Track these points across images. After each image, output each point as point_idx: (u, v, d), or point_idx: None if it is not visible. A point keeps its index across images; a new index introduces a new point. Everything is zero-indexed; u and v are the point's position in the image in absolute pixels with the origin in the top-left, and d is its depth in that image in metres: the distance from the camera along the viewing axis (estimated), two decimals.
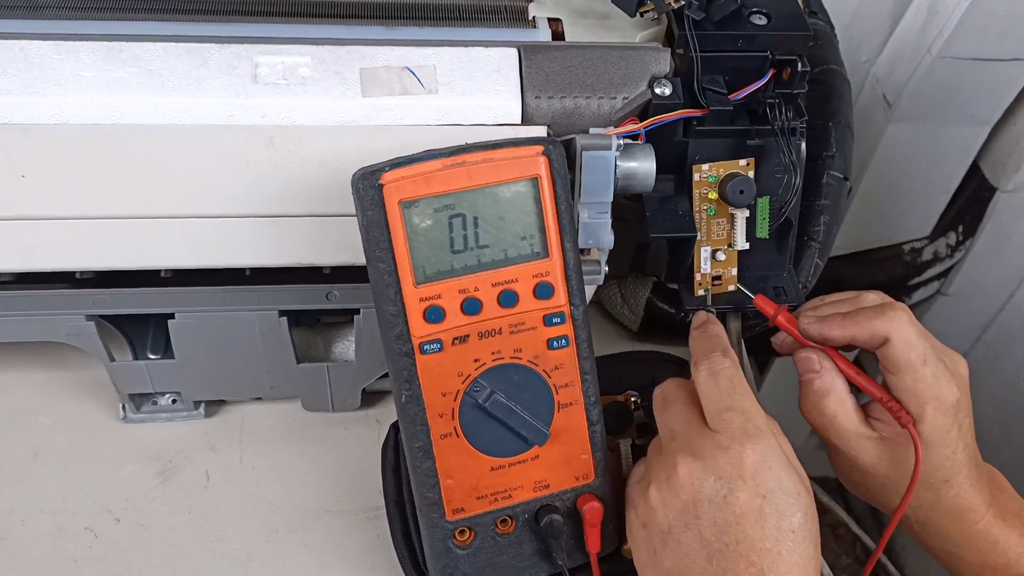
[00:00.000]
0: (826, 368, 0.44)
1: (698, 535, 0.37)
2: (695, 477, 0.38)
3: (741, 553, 0.36)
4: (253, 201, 0.43)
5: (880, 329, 0.42)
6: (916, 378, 0.42)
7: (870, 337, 0.42)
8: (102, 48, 0.42)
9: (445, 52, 0.44)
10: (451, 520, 0.42)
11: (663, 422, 0.42)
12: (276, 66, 0.43)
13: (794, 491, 0.37)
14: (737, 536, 0.37)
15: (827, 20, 0.60)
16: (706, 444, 0.38)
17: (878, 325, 0.42)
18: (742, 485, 0.37)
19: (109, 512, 0.49)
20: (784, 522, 0.37)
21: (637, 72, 0.46)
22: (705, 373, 0.41)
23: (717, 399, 0.40)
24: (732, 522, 0.37)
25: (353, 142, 0.42)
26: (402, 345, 0.39)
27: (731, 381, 0.40)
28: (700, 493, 0.38)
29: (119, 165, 0.41)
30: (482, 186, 0.39)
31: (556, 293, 0.41)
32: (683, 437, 0.39)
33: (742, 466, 0.37)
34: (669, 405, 0.42)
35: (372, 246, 0.39)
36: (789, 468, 0.38)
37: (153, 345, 0.51)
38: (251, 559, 0.47)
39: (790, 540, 0.37)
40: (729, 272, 0.49)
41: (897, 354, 0.42)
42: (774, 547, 0.36)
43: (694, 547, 0.37)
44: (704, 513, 0.37)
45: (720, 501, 0.37)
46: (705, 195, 0.48)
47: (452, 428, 0.41)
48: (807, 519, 0.37)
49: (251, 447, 0.52)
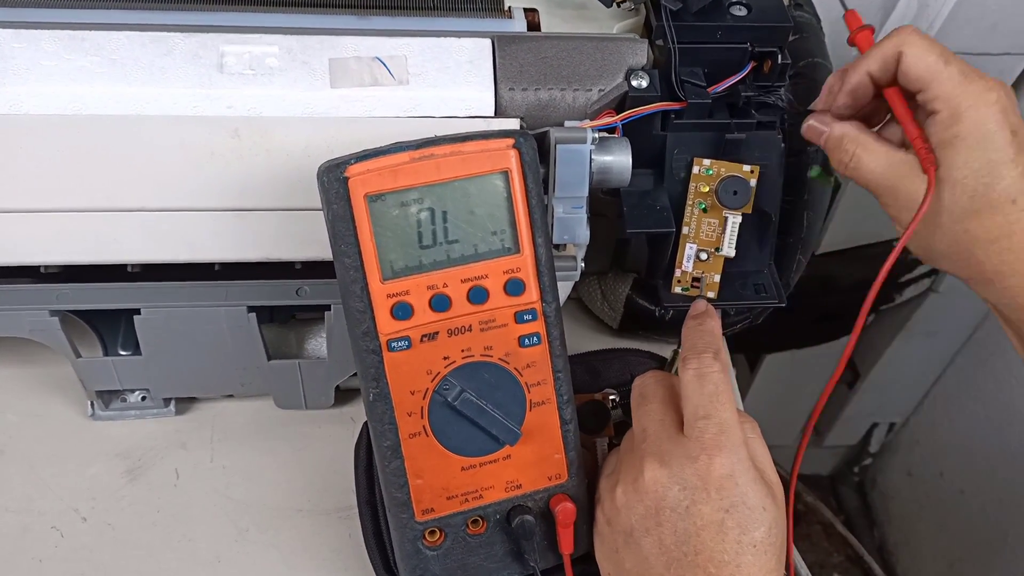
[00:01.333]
0: (830, 121, 0.42)
1: (658, 541, 0.37)
2: (660, 484, 0.37)
3: (699, 564, 0.36)
4: (218, 194, 0.42)
5: (890, 49, 0.39)
6: (942, 79, 0.38)
7: (883, 62, 0.40)
8: (64, 36, 0.41)
9: (417, 42, 0.43)
10: (421, 520, 0.41)
11: (637, 418, 0.41)
12: (243, 56, 0.42)
13: (759, 506, 0.37)
14: (696, 547, 0.36)
15: (813, 13, 0.59)
16: (675, 451, 0.38)
17: (888, 46, 0.39)
18: (705, 497, 0.37)
19: (76, 511, 0.48)
20: (746, 536, 0.36)
21: (613, 64, 0.45)
22: (692, 373, 0.40)
23: (697, 404, 0.38)
24: (693, 533, 0.36)
25: (321, 134, 0.42)
26: (369, 342, 0.38)
27: (716, 387, 0.39)
28: (663, 501, 0.37)
29: (81, 157, 0.41)
30: (451, 179, 0.38)
31: (527, 289, 0.40)
32: (654, 439, 0.39)
33: (708, 478, 0.37)
34: (646, 401, 0.41)
35: (338, 241, 0.38)
36: (757, 482, 0.37)
37: (124, 341, 0.50)
38: (220, 559, 0.47)
39: (750, 554, 0.36)
40: (711, 277, 0.48)
41: (915, 63, 0.39)
42: (733, 560, 0.36)
43: (654, 552, 0.37)
44: (666, 520, 0.37)
45: (682, 511, 0.37)
46: (699, 189, 0.47)
47: (421, 427, 0.40)
48: (771, 533, 0.37)
49: (222, 445, 0.51)
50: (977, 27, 0.73)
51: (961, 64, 0.39)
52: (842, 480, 1.32)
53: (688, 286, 0.48)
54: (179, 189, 0.41)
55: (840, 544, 1.25)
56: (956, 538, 1.06)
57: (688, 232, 0.47)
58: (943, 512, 1.10)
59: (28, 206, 0.41)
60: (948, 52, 0.39)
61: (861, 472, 1.30)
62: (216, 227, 0.42)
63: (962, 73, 0.38)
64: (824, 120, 0.43)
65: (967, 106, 0.38)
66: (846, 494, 1.30)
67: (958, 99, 0.38)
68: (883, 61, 0.40)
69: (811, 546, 1.25)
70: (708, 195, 0.47)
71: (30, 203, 0.41)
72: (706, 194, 0.47)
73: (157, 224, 0.42)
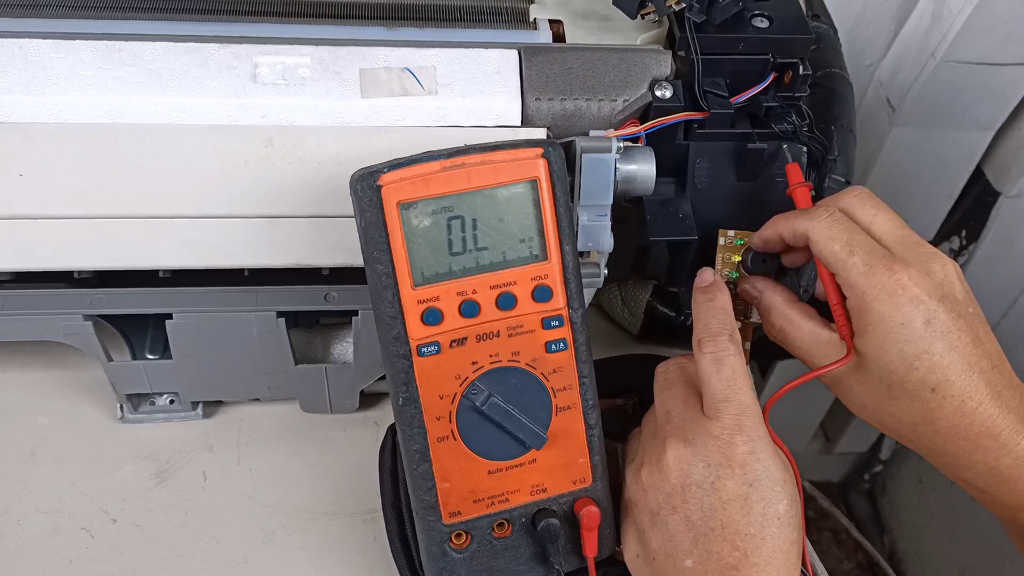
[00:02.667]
0: (761, 288, 0.44)
1: (685, 518, 0.38)
2: (684, 462, 0.39)
3: (726, 537, 0.38)
4: (251, 201, 0.42)
5: (799, 227, 0.40)
6: (846, 269, 0.39)
7: (793, 235, 0.41)
8: (101, 47, 0.42)
9: (445, 53, 0.44)
10: (447, 523, 0.42)
11: (661, 401, 0.42)
12: (276, 66, 0.43)
13: (780, 479, 0.38)
14: (723, 521, 0.38)
15: (830, 23, 0.60)
16: (699, 431, 0.39)
17: (798, 223, 0.41)
18: (730, 473, 0.38)
19: (105, 512, 0.49)
20: (770, 509, 0.38)
21: (638, 74, 0.46)
22: (709, 357, 0.40)
23: (716, 388, 0.40)
24: (719, 507, 0.38)
25: (352, 143, 0.42)
26: (399, 347, 0.39)
27: (733, 371, 0.40)
28: (689, 478, 0.38)
29: (117, 165, 0.41)
30: (481, 188, 0.39)
31: (555, 296, 0.40)
32: (678, 420, 0.40)
33: (731, 455, 0.38)
34: (671, 385, 0.42)
35: (370, 247, 0.38)
36: (777, 458, 0.39)
37: (152, 345, 0.51)
38: (247, 561, 0.47)
39: (775, 526, 0.38)
40: (744, 345, 0.46)
41: (820, 250, 0.40)
42: (758, 532, 0.37)
43: (680, 529, 0.39)
44: (692, 497, 0.38)
45: (708, 487, 0.38)
46: (728, 260, 0.47)
47: (449, 431, 0.41)
48: (792, 506, 0.38)
49: (248, 448, 0.52)
50: (991, 38, 0.73)
51: (868, 254, 0.38)
52: (852, 487, 1.32)
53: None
54: (213, 197, 0.42)
55: (851, 551, 1.25)
56: (967, 546, 1.06)
57: None
58: (954, 519, 1.10)
59: (64, 212, 0.42)
60: (855, 239, 0.39)
61: (871, 479, 1.30)
62: (249, 234, 0.43)
63: (866, 264, 0.38)
64: (757, 286, 0.44)
65: (872, 298, 0.38)
66: (856, 501, 1.30)
67: (863, 291, 0.39)
68: (794, 237, 0.41)
69: (821, 553, 1.25)
70: (736, 262, 0.47)
71: (66, 209, 0.42)
72: (734, 263, 0.47)
73: (191, 231, 0.43)
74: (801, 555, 0.39)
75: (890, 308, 0.38)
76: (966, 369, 0.38)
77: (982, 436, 0.38)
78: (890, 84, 0.82)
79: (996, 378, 0.39)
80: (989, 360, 0.39)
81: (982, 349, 0.39)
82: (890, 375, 0.39)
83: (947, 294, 0.39)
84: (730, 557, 0.37)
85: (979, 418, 0.38)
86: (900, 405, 0.39)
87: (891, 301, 0.38)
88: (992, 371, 0.39)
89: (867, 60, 0.83)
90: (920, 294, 0.38)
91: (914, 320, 0.38)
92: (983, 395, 0.38)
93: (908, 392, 0.39)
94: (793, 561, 0.38)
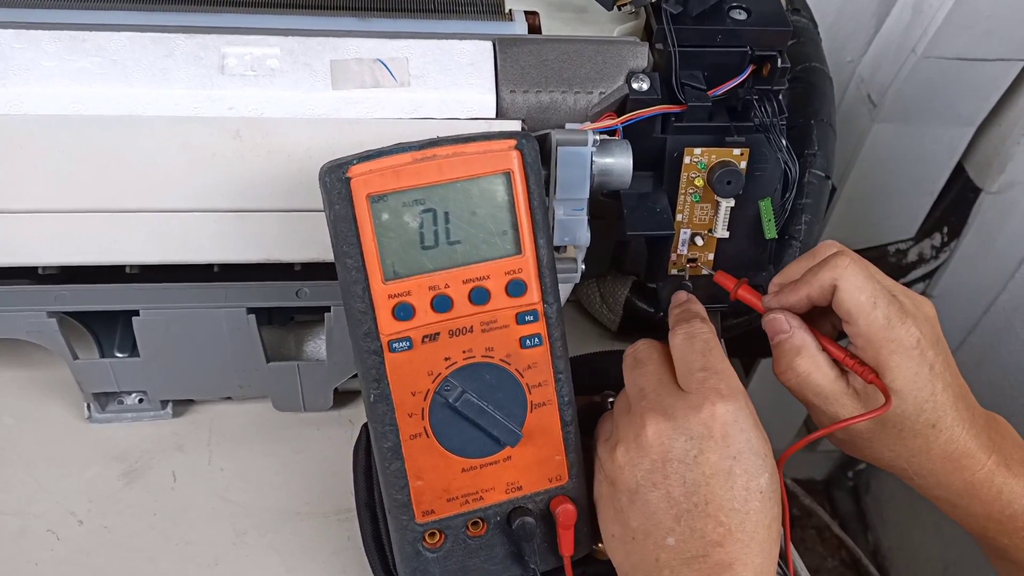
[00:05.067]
0: (795, 326, 0.43)
1: (666, 494, 0.38)
2: (665, 436, 0.38)
3: (710, 513, 0.37)
4: (219, 195, 0.42)
5: (827, 279, 0.41)
6: (868, 322, 0.40)
7: (821, 291, 0.41)
8: (65, 37, 0.41)
9: (418, 44, 0.43)
10: (421, 522, 0.41)
11: (633, 380, 0.41)
12: (244, 57, 0.42)
13: (762, 452, 0.38)
14: (706, 496, 0.37)
15: (810, 18, 0.60)
16: (677, 404, 0.38)
17: (825, 276, 0.41)
18: (712, 445, 0.37)
19: (72, 514, 0.48)
20: (753, 482, 0.37)
21: (614, 67, 0.45)
22: (682, 336, 0.41)
23: (691, 360, 0.40)
24: (702, 482, 0.37)
25: (322, 135, 0.42)
26: (370, 343, 0.38)
27: (707, 344, 0.40)
28: (670, 453, 0.38)
29: (82, 157, 0.40)
30: (453, 180, 0.38)
31: (529, 290, 0.40)
32: (653, 396, 0.39)
33: (712, 426, 0.37)
34: (641, 364, 0.41)
35: (340, 241, 0.38)
36: (758, 429, 0.38)
37: (121, 343, 0.50)
38: (218, 562, 0.46)
39: (757, 500, 0.37)
40: (705, 256, 0.49)
41: (846, 300, 0.40)
42: (742, 507, 0.37)
43: (662, 507, 0.38)
44: (673, 472, 0.38)
45: (690, 461, 0.37)
46: (692, 180, 0.47)
47: (422, 428, 0.40)
48: (772, 480, 0.38)
49: (220, 448, 0.51)
50: (972, 33, 0.73)
51: (888, 306, 0.40)
52: (836, 484, 1.32)
53: (685, 267, 0.49)
54: (180, 190, 0.41)
55: (835, 548, 1.25)
56: (950, 542, 1.06)
57: (682, 219, 0.48)
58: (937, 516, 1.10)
59: (27, 207, 0.41)
60: (878, 289, 0.40)
61: (855, 476, 1.30)
62: (217, 228, 0.42)
63: (887, 318, 0.40)
64: (790, 322, 0.43)
65: (890, 352, 0.40)
66: (840, 498, 1.31)
67: (880, 345, 0.40)
68: (821, 290, 0.41)
69: (806, 550, 1.25)
70: (701, 186, 0.47)
71: (29, 204, 0.41)
72: (699, 186, 0.47)
73: (158, 225, 0.42)
74: (781, 531, 0.39)
75: (907, 361, 0.40)
76: (954, 401, 0.41)
77: (963, 456, 0.41)
78: (871, 80, 0.82)
79: (970, 401, 0.42)
80: (963, 387, 0.42)
81: (958, 378, 0.42)
82: (903, 420, 0.41)
83: (938, 337, 0.41)
84: (714, 533, 0.37)
85: (962, 442, 0.41)
86: (905, 443, 0.42)
87: (907, 355, 0.40)
88: (967, 396, 0.42)
89: (848, 56, 0.83)
90: (925, 345, 0.40)
91: (923, 369, 0.40)
92: (965, 420, 0.41)
93: (914, 431, 0.41)
94: (775, 536, 0.38)
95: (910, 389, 0.40)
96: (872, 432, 0.42)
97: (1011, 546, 0.43)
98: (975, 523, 0.43)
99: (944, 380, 0.41)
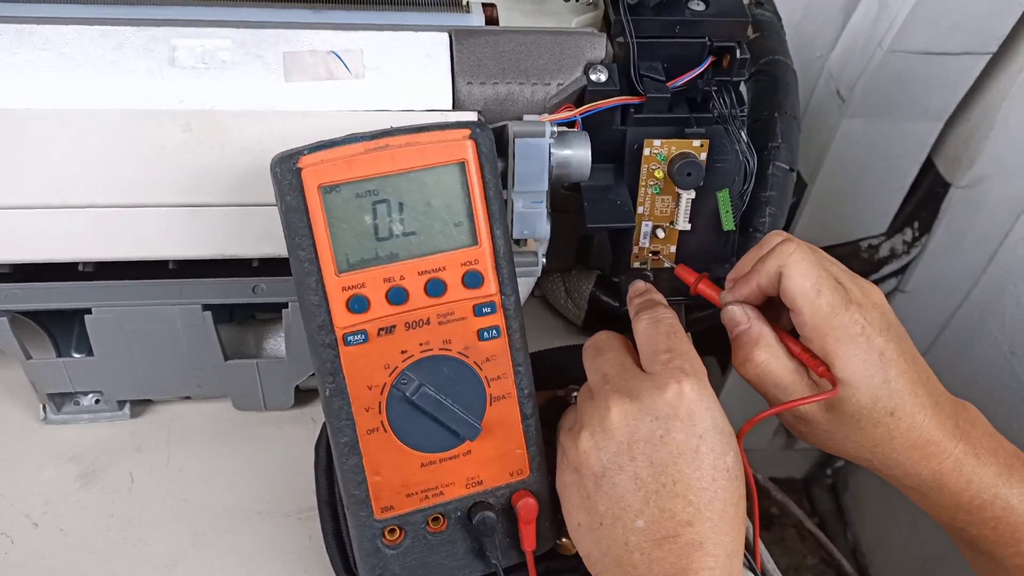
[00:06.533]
0: (752, 318, 0.42)
1: (634, 476, 0.37)
2: (630, 417, 0.38)
3: (678, 493, 0.37)
4: (171, 189, 0.41)
5: (772, 267, 0.41)
6: (812, 311, 0.40)
7: (769, 279, 0.41)
8: (11, 30, 0.40)
9: (373, 36, 0.43)
10: (380, 519, 0.40)
11: (595, 368, 0.41)
12: (195, 49, 0.41)
13: (727, 431, 0.38)
14: (674, 476, 0.37)
15: (774, 11, 0.60)
16: (642, 385, 0.38)
17: (771, 264, 0.41)
18: (679, 425, 0.37)
19: (27, 516, 0.47)
20: (719, 461, 0.37)
21: (572, 58, 0.45)
22: (647, 320, 0.41)
23: (656, 342, 0.40)
24: (669, 462, 0.37)
25: (276, 128, 0.41)
26: (324, 336, 0.38)
27: (671, 327, 0.40)
28: (636, 434, 0.37)
29: (28, 151, 0.40)
30: (407, 170, 0.38)
31: (486, 282, 0.39)
32: (617, 380, 0.39)
33: (678, 406, 0.37)
34: (602, 352, 0.41)
35: (292, 233, 0.37)
36: (720, 409, 0.38)
37: (78, 343, 0.49)
38: (176, 564, 0.45)
39: (724, 479, 0.37)
40: (667, 249, 0.49)
41: (791, 287, 0.40)
42: (710, 486, 0.37)
43: (630, 489, 0.37)
44: (640, 454, 0.37)
45: (656, 441, 0.37)
46: (652, 172, 0.47)
47: (379, 423, 0.39)
48: (737, 460, 0.38)
49: (178, 448, 0.50)
50: (937, 27, 0.73)
51: (832, 293, 0.40)
52: (815, 482, 1.32)
53: (646, 260, 0.49)
54: (130, 184, 0.40)
55: (815, 546, 1.25)
56: (928, 538, 1.06)
57: (643, 212, 0.48)
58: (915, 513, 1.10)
59: None
60: (823, 276, 0.40)
61: (834, 474, 1.30)
62: (169, 223, 0.41)
63: (830, 306, 0.40)
64: (748, 314, 0.43)
65: (835, 339, 0.40)
66: (819, 496, 1.31)
67: (825, 333, 0.40)
68: (769, 279, 0.41)
69: (785, 549, 1.25)
70: (661, 178, 0.47)
71: None
72: (659, 178, 0.47)
73: (108, 221, 0.41)
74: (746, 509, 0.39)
75: (853, 349, 0.40)
76: (912, 387, 0.40)
77: (928, 444, 0.41)
78: (840, 75, 0.82)
79: (932, 388, 0.41)
80: (924, 373, 0.41)
81: (917, 364, 0.41)
82: (859, 410, 0.40)
83: (889, 323, 0.41)
84: (684, 513, 0.36)
85: (926, 429, 0.41)
86: (864, 433, 0.41)
87: (853, 342, 0.40)
88: (928, 382, 0.41)
89: (817, 52, 0.83)
90: (872, 332, 0.40)
91: (872, 356, 0.40)
92: (927, 408, 0.41)
93: (872, 420, 0.41)
94: (742, 516, 0.38)
95: (860, 377, 0.40)
96: (831, 423, 0.42)
97: (980, 536, 0.43)
98: (945, 514, 0.43)
99: (898, 367, 0.40)
